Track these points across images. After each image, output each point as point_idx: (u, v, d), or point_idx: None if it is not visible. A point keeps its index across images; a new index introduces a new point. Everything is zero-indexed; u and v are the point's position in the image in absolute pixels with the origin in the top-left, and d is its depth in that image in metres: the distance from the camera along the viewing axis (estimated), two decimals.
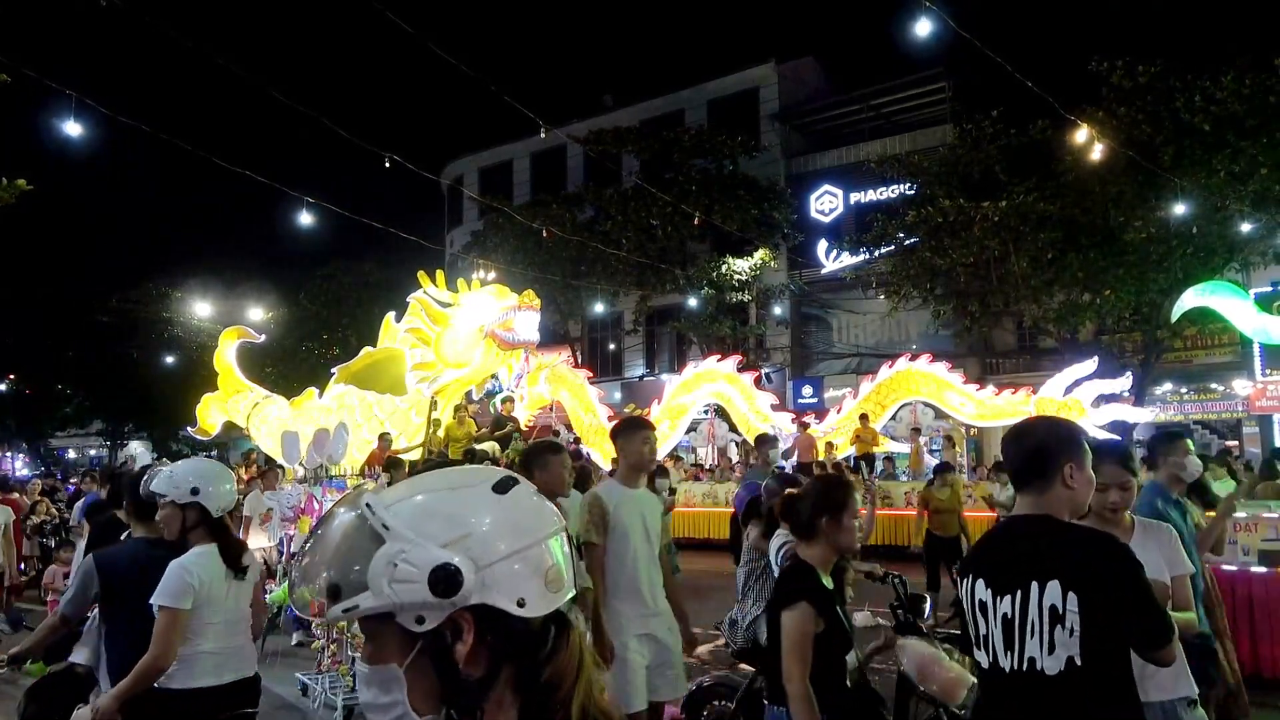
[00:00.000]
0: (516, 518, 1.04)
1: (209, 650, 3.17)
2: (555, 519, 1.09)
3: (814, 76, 28.37)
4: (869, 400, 15.14)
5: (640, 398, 21.53)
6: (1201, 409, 20.25)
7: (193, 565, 3.15)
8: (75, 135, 9.64)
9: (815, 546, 2.98)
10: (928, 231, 18.15)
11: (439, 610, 0.98)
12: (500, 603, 0.99)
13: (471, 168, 32.28)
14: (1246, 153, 14.47)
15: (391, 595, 0.97)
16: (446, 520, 1.01)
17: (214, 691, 3.16)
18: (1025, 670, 2.06)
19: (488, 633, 1.00)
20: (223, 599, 3.21)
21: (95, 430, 37.65)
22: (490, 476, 1.08)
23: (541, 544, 1.04)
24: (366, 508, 1.01)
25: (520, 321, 12.93)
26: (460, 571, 0.97)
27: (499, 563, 1.00)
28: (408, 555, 0.97)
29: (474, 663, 1.00)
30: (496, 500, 1.04)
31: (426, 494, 1.05)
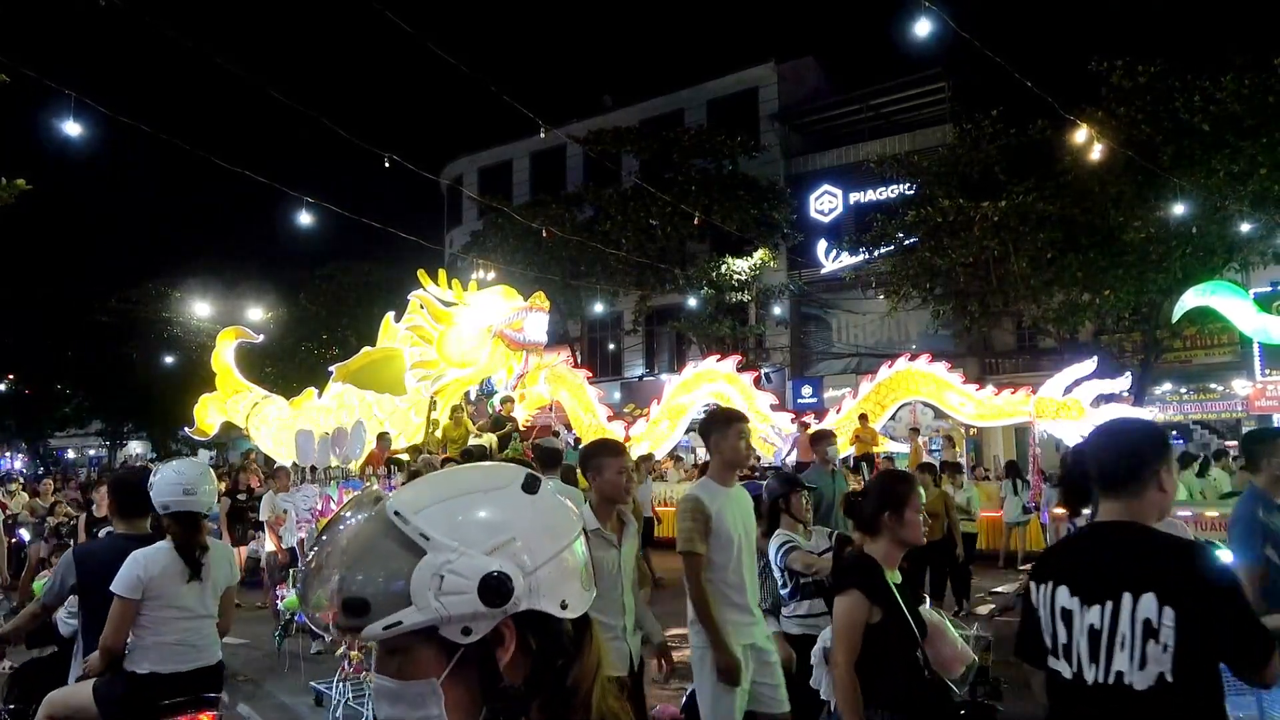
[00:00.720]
0: (550, 519, 1.02)
1: (171, 641, 3.37)
2: (578, 518, 1.07)
3: (814, 76, 28.37)
4: (868, 400, 15.12)
5: (640, 398, 21.55)
6: (1201, 409, 20.25)
7: (144, 559, 3.35)
8: (75, 135, 9.63)
9: (879, 542, 2.94)
10: (927, 231, 18.15)
11: (488, 620, 0.94)
12: (547, 606, 0.97)
13: (471, 168, 32.28)
14: (1246, 153, 14.47)
15: (440, 609, 0.92)
16: (487, 526, 0.97)
17: (177, 677, 3.38)
18: (1112, 684, 1.97)
19: (531, 637, 0.97)
20: (179, 594, 3.38)
21: (95, 430, 37.65)
22: (516, 476, 1.04)
23: (573, 544, 1.02)
24: (396, 516, 0.96)
25: (530, 323, 12.98)
26: (510, 579, 0.93)
27: (544, 566, 0.97)
28: (454, 565, 0.93)
29: (515, 669, 0.97)
30: (530, 502, 1.01)
31: (457, 498, 1.00)
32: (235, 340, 15.88)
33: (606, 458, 3.66)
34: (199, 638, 3.46)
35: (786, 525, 4.73)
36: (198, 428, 15.54)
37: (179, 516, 3.46)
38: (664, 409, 15.49)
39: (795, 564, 4.53)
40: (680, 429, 15.63)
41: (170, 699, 3.35)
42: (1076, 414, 13.12)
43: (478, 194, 29.06)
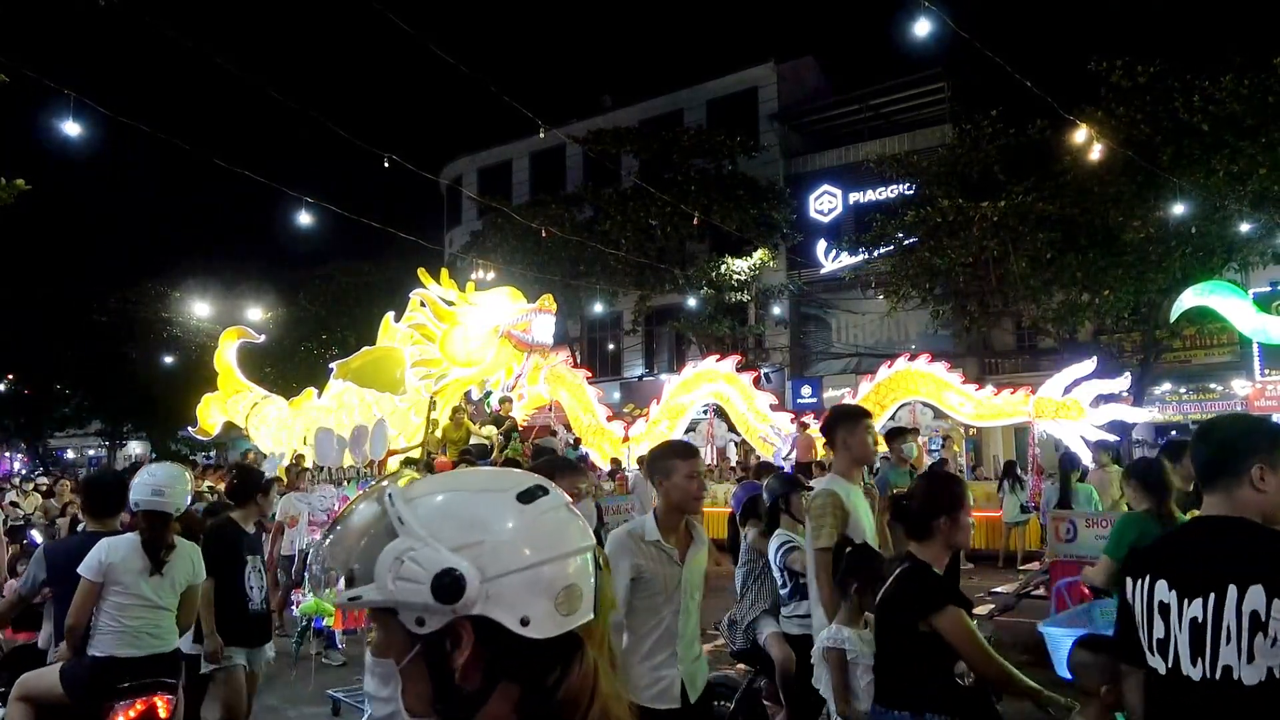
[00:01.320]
0: (536, 531, 0.99)
1: (129, 626, 3.65)
2: (581, 536, 1.03)
3: (813, 76, 28.38)
4: (868, 400, 15.11)
5: (639, 398, 21.55)
6: (1200, 409, 20.24)
7: (109, 546, 3.69)
8: (74, 135, 9.63)
9: (931, 546, 2.88)
10: (927, 231, 18.16)
11: (440, 615, 0.94)
12: (502, 617, 0.95)
13: (470, 168, 32.28)
14: (1245, 153, 14.48)
15: (394, 592, 0.94)
16: (462, 524, 0.97)
17: (133, 661, 3.65)
18: (1219, 679, 1.91)
19: (486, 646, 0.96)
20: (139, 584, 3.68)
21: (94, 430, 37.64)
22: (519, 484, 1.03)
23: (559, 561, 0.99)
24: (387, 498, 0.99)
25: (537, 324, 13.01)
26: (464, 579, 0.93)
27: (507, 576, 0.95)
28: (416, 554, 0.94)
29: (469, 674, 0.96)
30: (519, 510, 0.99)
31: (450, 493, 1.01)
32: (238, 340, 15.91)
33: (675, 460, 3.20)
34: (155, 627, 3.73)
35: (786, 525, 4.74)
36: (200, 427, 15.58)
37: (147, 515, 3.76)
38: (663, 409, 15.49)
39: (795, 564, 4.53)
40: (680, 429, 15.63)
41: (127, 682, 3.62)
42: (1076, 414, 13.12)
43: (477, 194, 29.05)
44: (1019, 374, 20.28)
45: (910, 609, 2.77)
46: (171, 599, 3.80)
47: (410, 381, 13.18)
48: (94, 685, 3.61)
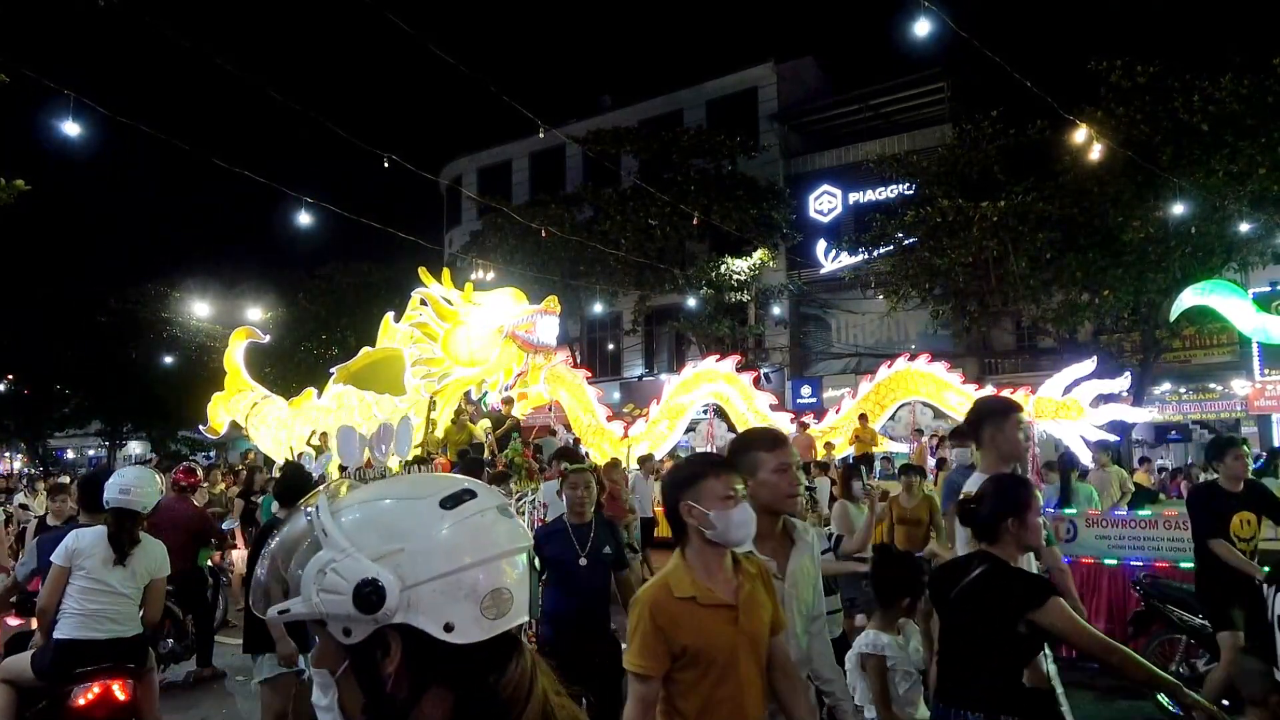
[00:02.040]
0: (459, 537, 0.98)
1: (92, 610, 3.97)
2: (511, 538, 1.03)
3: (813, 76, 28.39)
4: (868, 400, 15.13)
5: (639, 398, 21.55)
6: (1200, 409, 20.27)
7: (76, 535, 4.11)
8: (74, 135, 9.62)
9: (1003, 547, 2.84)
10: (926, 231, 18.16)
11: (364, 625, 0.94)
12: (425, 625, 0.95)
13: (470, 168, 32.28)
14: (1245, 153, 14.48)
15: (318, 604, 0.94)
16: (383, 532, 0.97)
17: (94, 643, 3.96)
18: None
19: (414, 653, 0.96)
20: (103, 572, 4.02)
21: (94, 430, 37.65)
22: (443, 489, 1.02)
23: (484, 566, 0.98)
24: (314, 510, 0.99)
25: (541, 325, 13.03)
26: (384, 588, 0.93)
27: (427, 583, 0.95)
28: (337, 565, 0.94)
29: (399, 683, 0.96)
30: (440, 516, 0.99)
31: (374, 502, 1.01)
32: (245, 340, 15.97)
33: (759, 451, 2.63)
34: (116, 612, 4.05)
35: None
36: (210, 426, 15.63)
37: (116, 511, 4.15)
38: (663, 409, 15.49)
39: None
40: (680, 429, 15.63)
41: (88, 665, 3.95)
42: (1076, 414, 13.12)
43: (477, 194, 29.06)
44: (1019, 374, 20.29)
45: (1008, 607, 2.69)
46: (134, 589, 4.13)
47: (410, 382, 13.18)
48: (56, 667, 3.92)
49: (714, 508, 2.21)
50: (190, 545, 6.98)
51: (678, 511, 2.31)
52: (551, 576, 4.25)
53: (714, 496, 2.23)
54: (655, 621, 2.15)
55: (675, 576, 2.24)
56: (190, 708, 6.34)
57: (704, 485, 2.25)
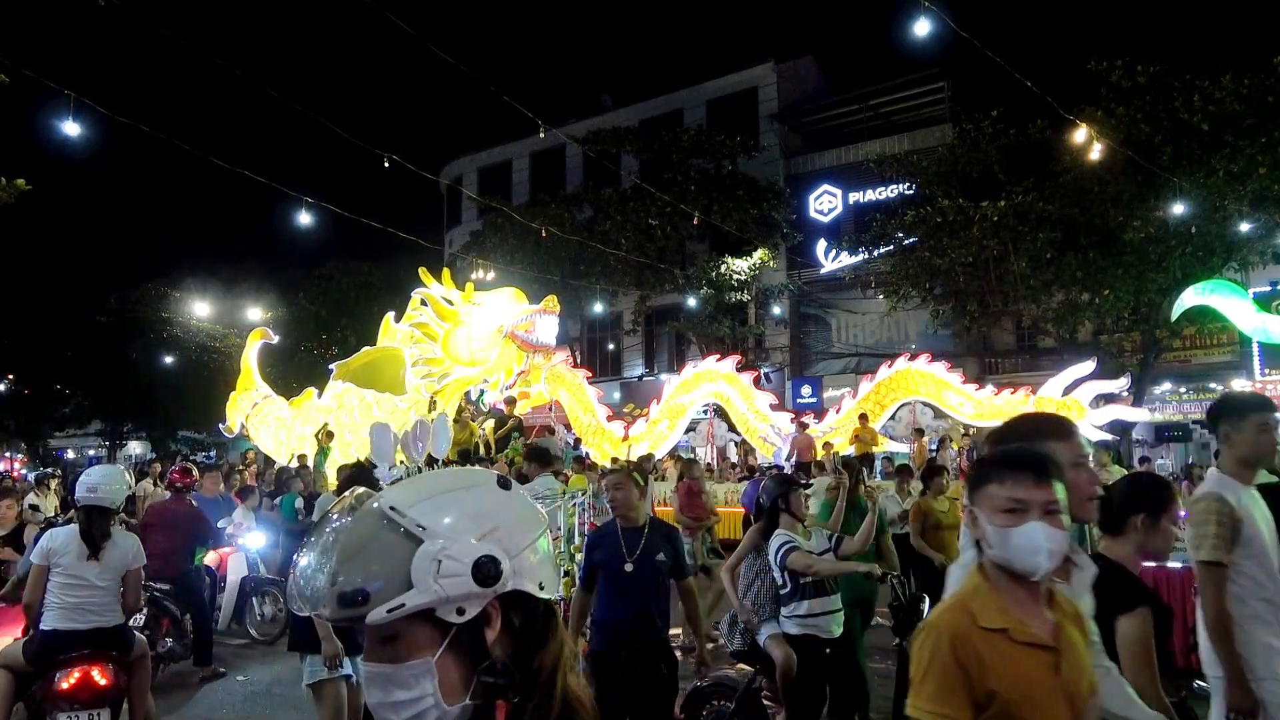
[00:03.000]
0: (524, 512, 1.14)
1: (71, 603, 4.27)
2: (544, 517, 1.18)
3: (813, 76, 28.38)
4: (868, 400, 15.14)
5: (639, 398, 21.54)
6: (1200, 409, 20.23)
7: (51, 535, 4.44)
8: (75, 135, 9.62)
9: (1123, 544, 2.68)
10: (927, 231, 18.16)
11: (480, 600, 1.05)
12: (528, 587, 1.08)
13: (470, 168, 32.29)
14: (1245, 152, 14.48)
15: (439, 590, 1.02)
16: (474, 516, 1.08)
17: (74, 633, 4.25)
18: None
19: (514, 616, 1.09)
20: (79, 567, 4.30)
21: (94, 430, 37.63)
22: (490, 477, 1.16)
23: (545, 534, 1.14)
24: (393, 511, 1.05)
25: (541, 325, 13.02)
26: (498, 561, 1.04)
27: (524, 552, 1.09)
28: (450, 551, 1.03)
29: (499, 647, 1.07)
30: (507, 496, 1.13)
31: (443, 494, 1.10)
32: (259, 341, 16.06)
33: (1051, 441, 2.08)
34: (94, 604, 4.32)
35: (786, 525, 4.73)
36: (228, 425, 15.71)
37: (85, 509, 4.40)
38: (663, 409, 15.48)
39: (795, 564, 4.53)
40: (680, 429, 15.63)
41: (71, 652, 4.25)
42: (1076, 414, 13.13)
43: (477, 194, 29.07)
44: (1019, 374, 20.29)
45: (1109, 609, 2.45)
46: (110, 581, 4.37)
47: (410, 381, 13.18)
48: (41, 655, 4.26)
49: (993, 521, 1.76)
50: (187, 545, 6.99)
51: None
52: (600, 583, 4.11)
53: (993, 506, 1.77)
54: (956, 656, 1.70)
55: (979, 601, 1.76)
56: (191, 707, 6.33)
57: (986, 490, 1.79)
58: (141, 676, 4.61)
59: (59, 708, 4.22)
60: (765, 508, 4.91)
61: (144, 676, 4.66)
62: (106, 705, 4.31)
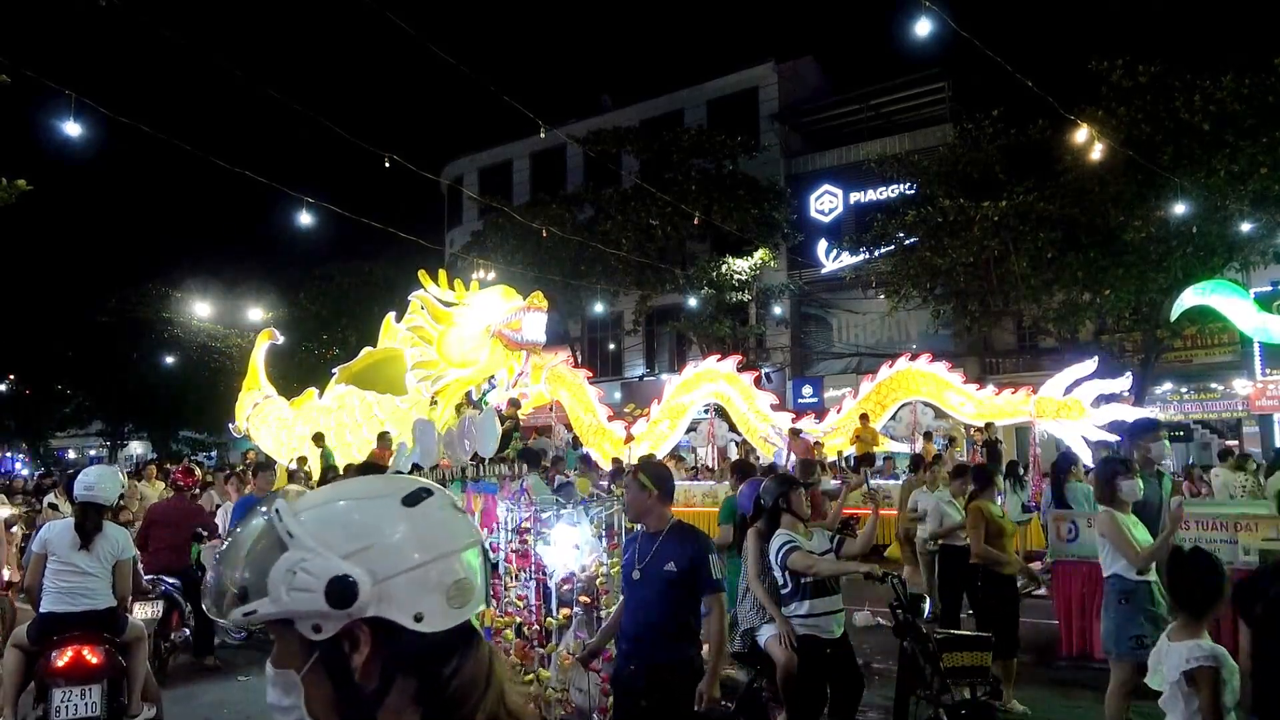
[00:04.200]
0: (423, 531, 1.04)
1: (64, 588, 4.74)
2: (468, 532, 1.09)
3: (813, 76, 28.37)
4: (869, 400, 15.13)
5: (640, 398, 21.53)
6: (1201, 409, 20.25)
7: (48, 527, 5.01)
8: (75, 135, 9.62)
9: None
10: (927, 231, 18.15)
11: (335, 620, 0.98)
12: (397, 616, 0.99)
13: (471, 168, 32.29)
14: (1246, 152, 14.47)
15: (288, 603, 0.97)
16: (350, 531, 1.01)
17: (69, 615, 4.73)
18: None
19: (384, 645, 1.00)
20: (72, 556, 4.77)
21: (95, 430, 37.66)
22: (404, 488, 1.08)
23: (448, 558, 1.03)
24: (275, 513, 1.02)
25: (528, 322, 12.92)
26: (357, 584, 0.97)
27: (398, 576, 0.99)
28: (307, 564, 0.98)
29: (369, 674, 1.00)
30: (405, 513, 1.04)
31: (336, 503, 1.05)
32: (267, 342, 16.08)
33: None
34: (86, 589, 4.78)
35: (787, 524, 4.73)
36: (236, 425, 15.73)
37: (82, 505, 4.90)
38: (664, 409, 15.47)
39: (796, 564, 4.52)
40: (681, 429, 15.62)
41: (66, 633, 4.69)
42: (1077, 414, 13.12)
43: (478, 194, 29.07)
44: (1020, 374, 20.27)
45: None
46: (100, 569, 4.84)
47: (411, 382, 13.17)
48: (40, 635, 4.72)
49: None
50: (190, 541, 7.14)
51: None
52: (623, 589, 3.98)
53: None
54: None
55: None
56: (192, 700, 6.35)
57: None
58: (138, 658, 4.98)
59: (55, 684, 4.60)
60: (766, 508, 4.91)
61: (141, 658, 5.01)
62: (98, 682, 4.68)
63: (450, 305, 13.19)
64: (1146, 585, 4.53)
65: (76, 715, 4.62)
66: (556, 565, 5.17)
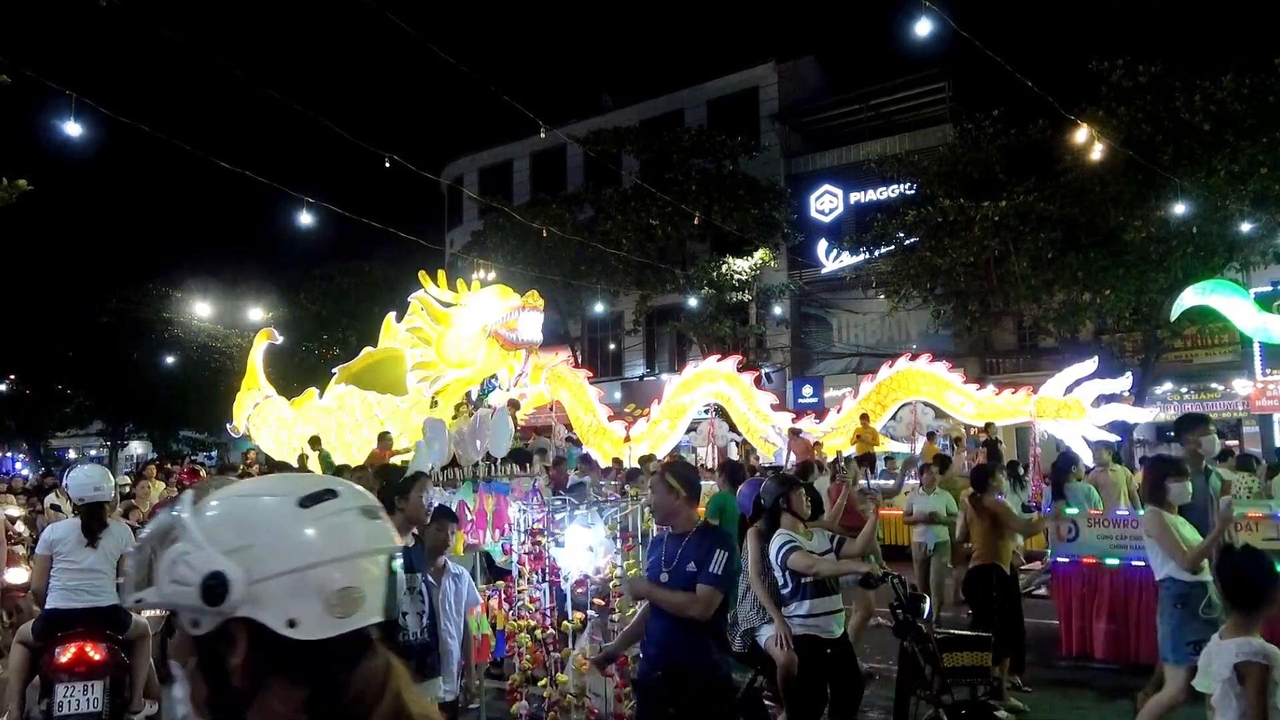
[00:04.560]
0: (311, 534, 1.00)
1: (70, 586, 4.82)
2: (369, 540, 1.04)
3: (813, 76, 28.37)
4: (869, 400, 15.12)
5: (640, 398, 21.53)
6: (1201, 409, 20.21)
7: (53, 528, 5.12)
8: (75, 135, 9.62)
9: None
10: (928, 231, 18.14)
11: (210, 617, 0.97)
12: (268, 620, 0.97)
13: (471, 168, 32.28)
14: (1246, 152, 14.46)
15: (169, 594, 0.98)
16: (237, 528, 0.99)
17: (74, 611, 4.81)
18: None
19: (260, 648, 0.98)
20: (78, 554, 4.85)
21: (95, 430, 37.65)
22: (305, 488, 1.05)
23: (333, 565, 1.00)
24: (177, 505, 1.03)
25: (524, 322, 12.91)
26: (229, 581, 0.95)
27: (273, 579, 0.97)
28: (190, 557, 0.97)
29: (243, 675, 0.98)
30: (296, 514, 1.01)
31: (235, 499, 1.04)
32: (265, 342, 16.08)
33: None
34: (92, 586, 4.86)
35: (787, 524, 4.72)
36: (234, 425, 15.73)
37: (88, 506, 4.96)
38: (664, 409, 15.47)
39: (796, 564, 4.52)
40: (681, 429, 15.61)
41: (70, 629, 4.78)
42: (1077, 414, 13.11)
43: (478, 194, 29.06)
44: (1020, 374, 20.26)
45: None
46: (106, 566, 4.91)
47: (412, 382, 13.17)
48: (45, 631, 4.81)
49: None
50: None
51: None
52: None
53: None
54: None
55: None
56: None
57: None
58: (141, 655, 5.06)
59: (58, 679, 4.69)
60: (766, 508, 4.91)
61: (144, 655, 5.09)
62: (101, 679, 4.76)
63: (449, 306, 13.18)
64: (1202, 586, 4.40)
65: (79, 711, 4.68)
66: (570, 568, 5.09)
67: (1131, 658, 6.75)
